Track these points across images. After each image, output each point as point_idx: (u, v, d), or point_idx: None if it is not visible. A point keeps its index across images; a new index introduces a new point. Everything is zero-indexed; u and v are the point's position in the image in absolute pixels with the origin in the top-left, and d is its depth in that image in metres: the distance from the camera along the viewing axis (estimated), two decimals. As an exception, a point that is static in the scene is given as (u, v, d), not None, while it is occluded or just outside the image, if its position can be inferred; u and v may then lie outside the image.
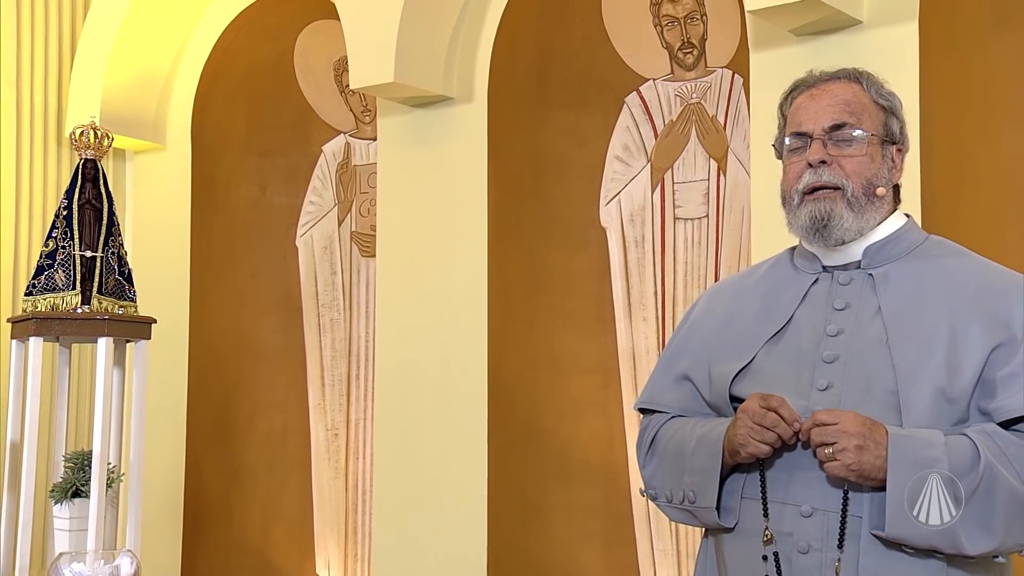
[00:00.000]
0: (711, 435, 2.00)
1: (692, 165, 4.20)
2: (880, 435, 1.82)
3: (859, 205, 2.01)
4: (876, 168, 2.03)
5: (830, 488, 1.87)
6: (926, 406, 1.87)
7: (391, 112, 4.48)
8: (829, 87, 2.07)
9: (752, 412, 1.90)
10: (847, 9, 3.32)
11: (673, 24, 4.21)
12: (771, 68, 3.52)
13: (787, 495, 1.92)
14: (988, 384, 1.89)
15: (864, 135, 2.02)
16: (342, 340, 5.00)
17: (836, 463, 1.82)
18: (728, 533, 2.01)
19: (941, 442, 1.82)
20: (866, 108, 2.05)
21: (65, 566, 3.56)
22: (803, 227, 2.04)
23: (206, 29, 5.15)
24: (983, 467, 1.80)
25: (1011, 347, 1.89)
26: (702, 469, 1.99)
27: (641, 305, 4.27)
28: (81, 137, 4.09)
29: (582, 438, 4.24)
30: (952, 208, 3.28)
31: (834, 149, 2.02)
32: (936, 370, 1.89)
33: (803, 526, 1.89)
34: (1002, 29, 3.38)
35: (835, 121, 2.03)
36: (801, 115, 2.07)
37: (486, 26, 4.31)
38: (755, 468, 1.95)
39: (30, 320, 3.95)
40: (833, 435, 1.82)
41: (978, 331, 1.91)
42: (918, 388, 1.88)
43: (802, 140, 2.05)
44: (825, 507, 1.87)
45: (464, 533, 4.19)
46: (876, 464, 1.81)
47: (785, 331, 2.04)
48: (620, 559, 4.17)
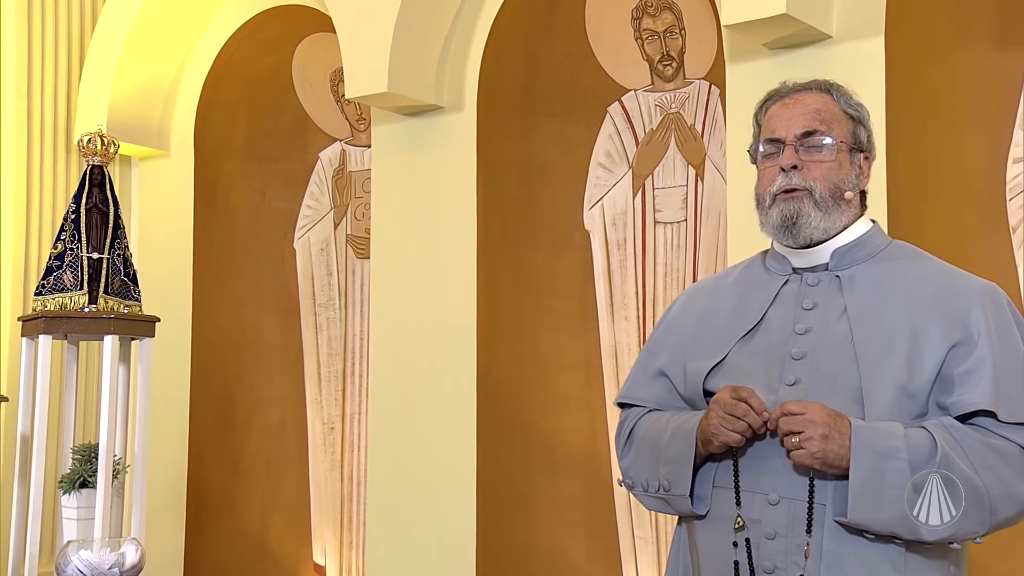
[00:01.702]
0: (685, 427, 2.00)
1: (671, 172, 4.19)
2: (844, 426, 1.83)
3: (826, 206, 2.02)
4: (844, 173, 2.05)
5: (796, 477, 1.88)
6: (887, 401, 1.89)
7: (385, 120, 4.48)
8: (801, 97, 2.09)
9: (723, 403, 1.91)
10: (817, 24, 3.33)
11: (653, 38, 4.21)
12: (746, 80, 3.53)
13: (755, 484, 1.93)
14: (946, 380, 1.90)
15: (833, 142, 2.04)
16: (338, 338, 4.99)
17: (802, 451, 1.83)
18: (700, 520, 2.01)
19: (901, 434, 1.84)
20: (836, 117, 2.07)
21: (73, 553, 3.55)
22: (774, 226, 2.05)
23: (208, 42, 5.14)
24: (940, 458, 1.81)
25: (968, 346, 1.91)
26: (676, 459, 2.00)
27: (623, 305, 4.26)
28: (88, 144, 4.09)
29: (567, 432, 4.24)
30: (916, 214, 3.29)
31: (805, 155, 2.03)
32: (897, 367, 1.91)
33: (770, 513, 1.90)
34: (963, 44, 3.39)
35: (806, 128, 2.04)
36: (775, 123, 2.08)
37: (475, 39, 4.31)
38: (727, 458, 1.96)
39: (40, 319, 3.95)
40: (800, 424, 1.83)
41: (937, 330, 1.92)
42: (880, 384, 1.90)
43: (775, 146, 2.06)
44: (791, 495, 1.88)
45: (454, 522, 4.18)
46: (840, 453, 1.82)
47: (757, 329, 2.05)
48: (602, 546, 4.16)
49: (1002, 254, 3.29)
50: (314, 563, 4.92)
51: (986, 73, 3.36)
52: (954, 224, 3.34)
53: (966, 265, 2.13)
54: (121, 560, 3.57)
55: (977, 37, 3.38)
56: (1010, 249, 3.30)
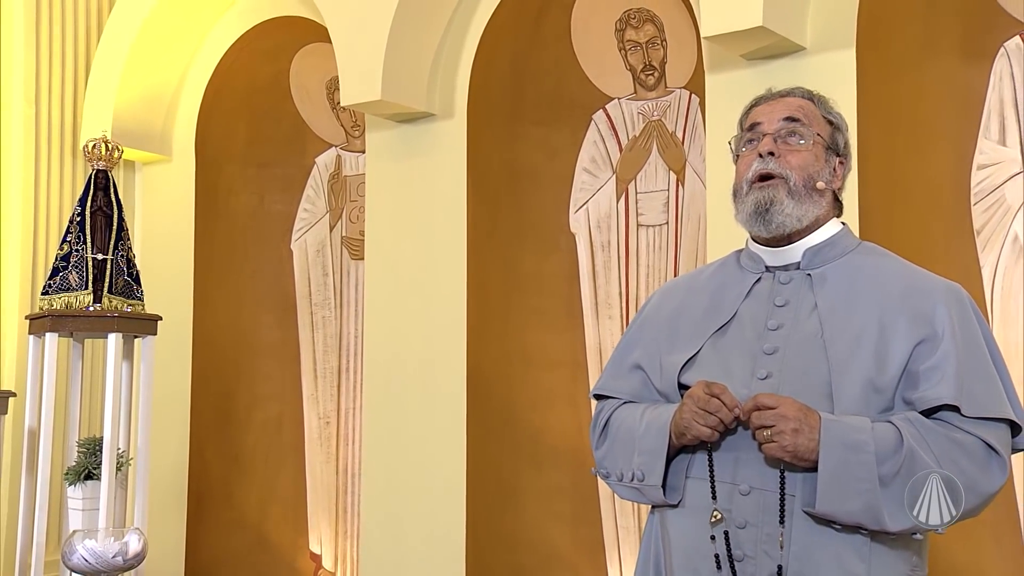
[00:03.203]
0: (660, 419, 2.00)
1: (653, 177, 4.19)
2: (814, 420, 1.83)
3: (799, 195, 2.02)
4: (819, 167, 2.05)
5: (767, 469, 1.88)
6: (856, 395, 1.89)
7: (378, 127, 4.48)
8: (784, 99, 2.11)
9: (697, 398, 1.91)
10: (792, 36, 3.34)
11: (636, 48, 4.21)
12: (724, 89, 3.54)
13: (727, 475, 1.92)
14: (912, 376, 1.90)
15: (811, 132, 2.05)
16: (333, 336, 4.99)
17: (774, 444, 1.83)
18: (673, 509, 2.01)
19: (868, 428, 1.84)
20: (815, 117, 2.09)
21: (78, 542, 3.56)
22: (747, 213, 2.05)
23: (209, 51, 5.14)
24: (905, 451, 1.82)
25: (932, 343, 1.91)
26: (650, 450, 1.99)
27: (607, 304, 4.26)
28: (94, 150, 4.09)
29: (553, 426, 4.24)
30: (886, 217, 3.30)
31: (783, 145, 2.04)
32: (865, 362, 1.91)
33: (741, 503, 1.90)
34: (931, 55, 3.40)
35: (788, 115, 2.06)
36: (757, 116, 2.10)
37: (466, 49, 4.31)
38: (700, 450, 1.96)
39: (46, 317, 3.95)
40: (772, 419, 1.83)
41: (904, 328, 1.93)
42: (849, 378, 1.90)
43: (756, 135, 2.07)
44: (762, 486, 1.88)
45: (445, 513, 4.18)
46: (810, 447, 1.82)
47: (730, 325, 2.05)
48: (587, 536, 4.17)
49: (967, 256, 3.30)
50: (310, 552, 4.92)
51: (952, 84, 3.37)
52: (922, 227, 3.34)
53: (933, 266, 2.14)
54: (124, 549, 3.57)
55: (943, 50, 3.39)
56: (974, 251, 3.31)
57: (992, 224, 3.31)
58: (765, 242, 2.10)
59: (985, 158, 3.33)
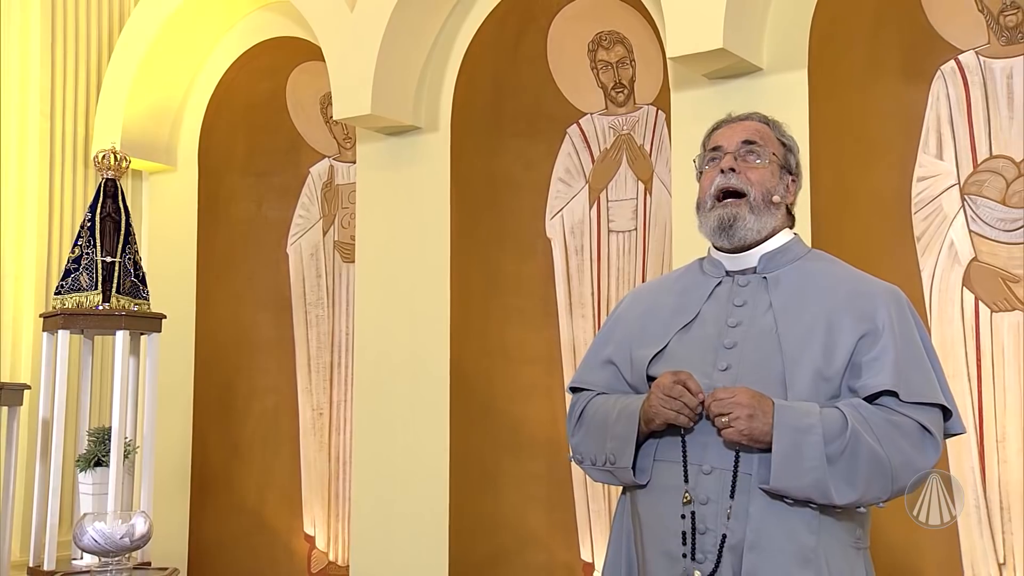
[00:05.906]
0: (630, 407, 2.04)
1: (623, 186, 4.19)
2: (767, 406, 1.88)
3: (759, 209, 2.09)
4: (775, 183, 2.11)
5: (726, 451, 1.92)
6: (806, 384, 1.94)
7: (368, 139, 4.47)
8: (743, 122, 2.16)
9: (663, 385, 1.96)
10: (750, 58, 3.38)
11: (607, 68, 4.22)
12: (689, 105, 3.56)
13: (692, 457, 1.97)
14: (855, 367, 1.96)
15: (767, 152, 2.11)
16: (326, 333, 4.97)
17: (731, 429, 1.88)
18: (642, 490, 2.04)
19: (816, 412, 1.89)
20: (771, 140, 2.14)
21: (89, 524, 3.57)
22: (711, 228, 2.11)
23: (212, 69, 5.13)
24: (850, 433, 1.87)
25: (874, 337, 1.97)
26: (621, 435, 2.04)
27: (580, 304, 4.26)
28: (103, 160, 4.11)
29: (530, 417, 4.24)
30: (836, 227, 3.32)
31: (742, 163, 2.10)
32: (815, 355, 1.96)
33: (703, 482, 1.94)
34: (876, 77, 3.43)
35: (747, 138, 2.11)
36: (719, 138, 2.15)
37: (450, 67, 4.32)
38: (667, 435, 2.00)
39: (59, 315, 3.96)
40: (728, 407, 1.88)
41: (849, 324, 1.98)
42: (800, 369, 1.95)
43: (719, 154, 2.13)
44: (722, 466, 1.93)
45: (430, 497, 4.18)
46: (764, 430, 1.87)
47: (694, 323, 2.10)
48: (561, 518, 4.16)
49: (908, 261, 3.33)
50: (304, 534, 4.90)
51: (895, 103, 3.39)
52: (868, 235, 3.37)
53: (877, 269, 2.19)
54: (131, 530, 3.58)
55: (887, 71, 3.41)
56: (915, 256, 3.34)
57: (931, 232, 3.34)
58: (725, 250, 2.15)
59: (924, 171, 3.36)
